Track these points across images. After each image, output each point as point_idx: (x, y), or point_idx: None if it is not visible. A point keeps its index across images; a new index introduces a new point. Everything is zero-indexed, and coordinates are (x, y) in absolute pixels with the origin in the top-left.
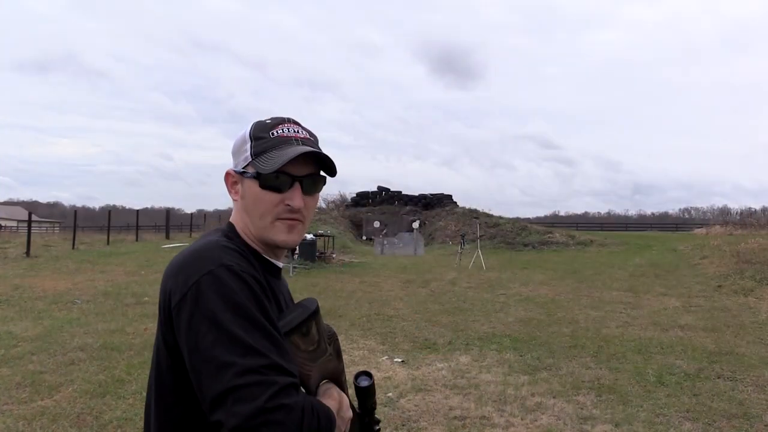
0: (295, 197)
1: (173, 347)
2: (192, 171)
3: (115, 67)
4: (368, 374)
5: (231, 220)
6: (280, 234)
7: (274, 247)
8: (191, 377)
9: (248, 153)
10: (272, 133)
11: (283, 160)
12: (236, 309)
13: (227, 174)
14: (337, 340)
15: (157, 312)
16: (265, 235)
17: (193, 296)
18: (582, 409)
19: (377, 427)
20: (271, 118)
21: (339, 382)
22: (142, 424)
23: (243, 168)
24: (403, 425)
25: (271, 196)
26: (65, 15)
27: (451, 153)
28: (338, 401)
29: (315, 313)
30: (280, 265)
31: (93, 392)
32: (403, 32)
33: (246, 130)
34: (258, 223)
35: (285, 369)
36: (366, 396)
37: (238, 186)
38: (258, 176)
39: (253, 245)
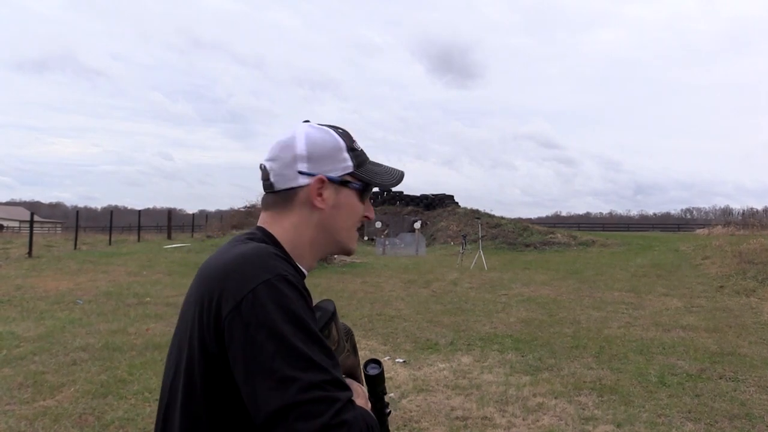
0: (371, 210)
1: (214, 355)
2: (193, 171)
3: (114, 67)
4: (377, 362)
5: (279, 228)
6: (354, 242)
7: (324, 258)
8: (243, 388)
9: (349, 163)
10: (358, 147)
11: (396, 178)
12: (295, 321)
13: (319, 180)
14: (353, 336)
15: (159, 313)
16: (346, 244)
17: (249, 305)
18: (584, 409)
19: (388, 410)
20: (335, 127)
21: (355, 376)
22: (143, 424)
23: (341, 176)
24: (404, 425)
25: (360, 208)
26: (63, 14)
27: (451, 152)
28: (362, 396)
29: (334, 314)
30: (306, 273)
31: (95, 392)
32: (402, 31)
33: (332, 135)
34: (344, 233)
35: (343, 384)
36: (376, 383)
37: (326, 194)
38: (364, 188)
39: (289, 253)
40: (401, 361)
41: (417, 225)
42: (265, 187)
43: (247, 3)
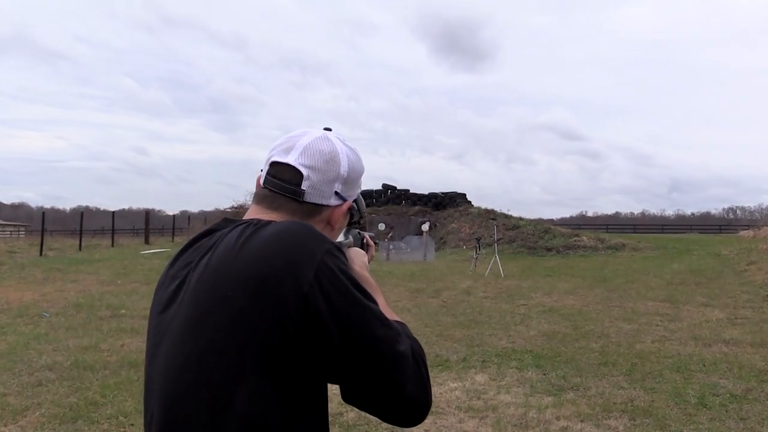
0: None
1: (292, 333)
2: (172, 167)
3: (77, 49)
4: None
5: None
6: None
7: None
8: (339, 349)
9: (359, 190)
10: None
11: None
12: (356, 283)
13: (348, 205)
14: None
15: (135, 326)
16: None
17: (325, 276)
18: None
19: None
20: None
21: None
22: None
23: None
24: None
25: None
26: None
27: (461, 145)
28: (361, 257)
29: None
30: None
31: (63, 417)
32: (401, 6)
33: (361, 161)
34: None
35: (387, 320)
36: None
37: (342, 216)
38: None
39: None
40: None
41: (425, 227)
42: (284, 190)
43: None
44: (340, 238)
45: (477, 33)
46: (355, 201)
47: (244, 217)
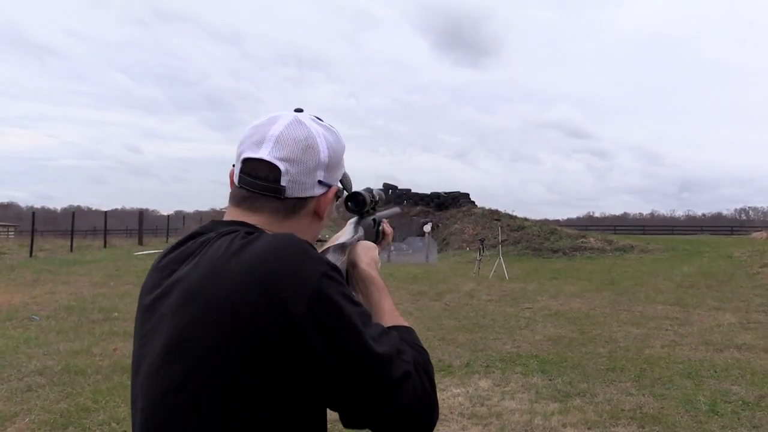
0: None
1: (275, 358)
2: (166, 166)
3: (68, 44)
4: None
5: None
6: None
7: None
8: (334, 380)
9: (343, 170)
10: None
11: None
12: (356, 308)
13: (334, 192)
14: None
15: (128, 330)
16: None
17: (320, 302)
18: None
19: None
20: (318, 118)
21: None
22: None
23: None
24: None
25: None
26: None
27: (464, 144)
28: (371, 250)
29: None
30: None
31: (53, 423)
32: (401, 0)
33: (340, 139)
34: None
35: (391, 340)
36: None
37: (329, 205)
38: (337, 198)
39: None
40: None
41: (427, 228)
42: (262, 189)
43: None
44: (349, 233)
45: (480, 28)
46: (340, 181)
47: (225, 218)
